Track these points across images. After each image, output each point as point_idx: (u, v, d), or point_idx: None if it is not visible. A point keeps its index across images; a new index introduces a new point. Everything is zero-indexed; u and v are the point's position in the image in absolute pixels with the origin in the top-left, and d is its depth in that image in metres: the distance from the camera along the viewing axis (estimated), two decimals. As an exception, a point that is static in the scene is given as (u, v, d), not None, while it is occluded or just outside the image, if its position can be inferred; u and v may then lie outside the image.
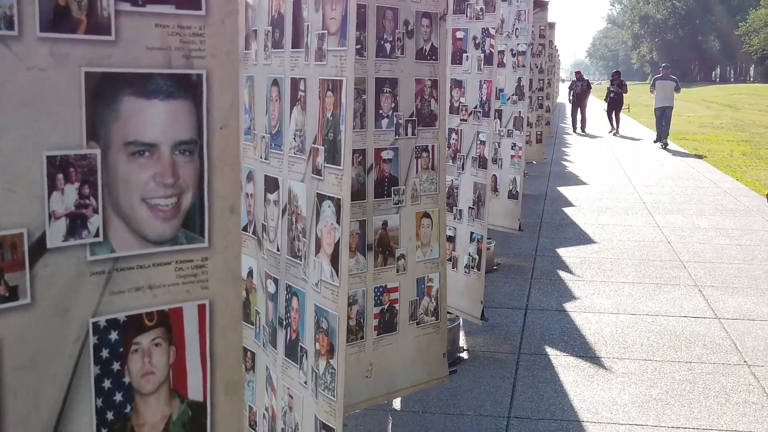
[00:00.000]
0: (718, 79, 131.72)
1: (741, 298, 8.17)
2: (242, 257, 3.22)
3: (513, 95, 8.94)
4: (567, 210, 13.44)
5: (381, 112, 4.04)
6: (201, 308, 1.84)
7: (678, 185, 16.37)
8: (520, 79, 8.88)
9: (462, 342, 6.65)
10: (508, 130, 8.95)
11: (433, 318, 4.43)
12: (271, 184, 2.84)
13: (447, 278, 6.26)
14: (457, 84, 5.95)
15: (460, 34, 5.91)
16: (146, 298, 1.80)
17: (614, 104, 29.57)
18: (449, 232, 6.14)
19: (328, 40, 2.44)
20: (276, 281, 2.82)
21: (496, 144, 8.99)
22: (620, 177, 17.59)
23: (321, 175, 2.48)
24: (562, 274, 9.11)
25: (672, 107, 24.97)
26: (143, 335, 1.81)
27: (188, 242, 1.84)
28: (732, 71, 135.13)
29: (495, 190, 9.13)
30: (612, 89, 29.16)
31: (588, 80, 31.41)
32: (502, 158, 9.01)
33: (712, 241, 10.92)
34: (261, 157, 2.91)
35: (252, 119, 3.00)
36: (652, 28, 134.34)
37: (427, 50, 4.24)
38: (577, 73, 31.37)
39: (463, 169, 6.02)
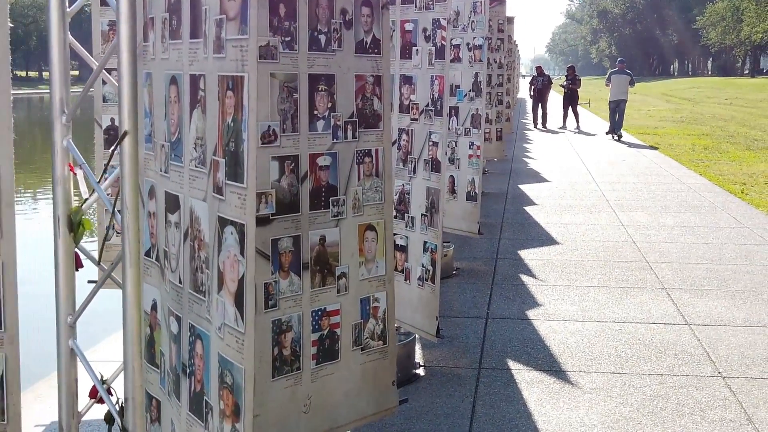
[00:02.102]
0: (676, 73, 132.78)
1: (711, 301, 7.79)
2: (145, 287, 2.75)
3: (470, 91, 8.48)
4: (529, 209, 13.07)
5: (316, 113, 3.56)
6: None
7: (641, 181, 16.07)
8: (477, 75, 8.43)
9: (418, 357, 6.20)
10: (466, 129, 8.50)
11: (381, 342, 3.96)
12: (172, 203, 2.36)
13: (399, 291, 5.80)
14: (407, 80, 5.48)
15: (409, 26, 5.45)
16: None
17: (568, 99, 29.64)
18: (401, 242, 5.67)
19: (226, 27, 1.97)
20: (179, 320, 2.34)
21: (453, 143, 8.54)
22: (582, 174, 17.27)
23: (222, 195, 2.01)
24: (525, 278, 8.70)
25: (626, 100, 25.73)
26: None
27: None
28: (690, 65, 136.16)
29: (452, 191, 8.68)
30: (566, 84, 29.26)
31: (549, 75, 31.26)
32: (459, 158, 8.55)
33: (678, 240, 10.57)
34: (161, 170, 2.44)
35: (152, 124, 2.52)
36: (610, 23, 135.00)
37: (369, 42, 3.76)
38: (538, 68, 31.18)
39: (414, 173, 5.55)
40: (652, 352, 6.41)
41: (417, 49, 5.44)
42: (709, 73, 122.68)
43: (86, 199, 2.92)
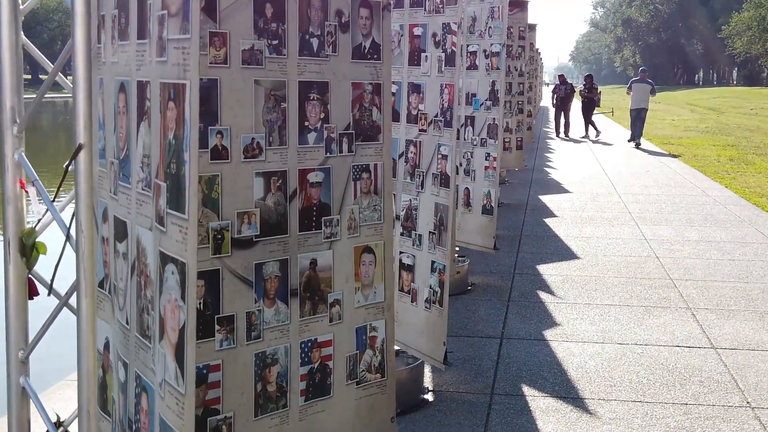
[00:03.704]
0: (701, 83, 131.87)
1: (738, 323, 7.39)
2: (98, 323, 2.42)
3: (486, 100, 8.13)
4: (549, 221, 12.69)
5: (307, 124, 3.23)
6: None
7: (665, 193, 15.65)
8: (494, 83, 8.08)
9: (427, 381, 5.85)
10: (482, 139, 8.15)
11: (378, 375, 3.61)
12: (120, 230, 2.04)
13: (405, 314, 5.46)
14: (415, 89, 5.14)
15: (417, 31, 5.11)
16: None
17: (584, 108, 29.47)
18: (408, 261, 5.33)
19: (168, 24, 1.65)
20: (126, 366, 2.02)
21: (469, 154, 8.19)
22: (605, 184, 16.86)
23: (164, 226, 1.68)
24: (543, 295, 8.33)
25: (647, 109, 25.84)
26: None
27: None
28: (715, 74, 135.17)
29: (468, 204, 8.33)
30: (582, 92, 29.18)
31: (572, 84, 30.93)
32: (475, 170, 8.21)
33: (703, 256, 10.17)
34: (111, 191, 2.11)
35: (105, 138, 2.20)
36: (634, 32, 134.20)
37: (367, 47, 3.43)
38: (561, 76, 30.80)
39: (422, 188, 5.21)
40: (676, 378, 6.04)
41: (426, 56, 5.09)
42: (735, 82, 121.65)
43: (39, 220, 2.60)
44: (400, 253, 5.40)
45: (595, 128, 29.38)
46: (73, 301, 2.55)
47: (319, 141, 3.28)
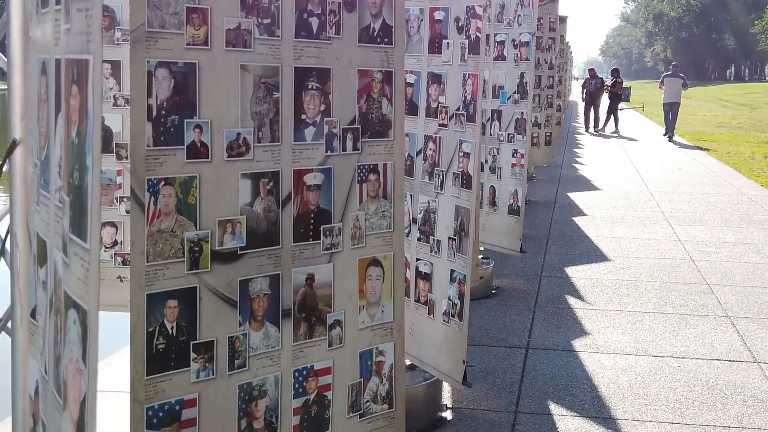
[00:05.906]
0: (733, 78, 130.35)
1: (782, 334, 6.89)
2: (30, 362, 1.99)
3: (514, 93, 7.64)
4: (578, 220, 12.20)
5: (304, 117, 2.78)
6: None
7: (698, 191, 15.09)
8: (522, 75, 7.59)
9: (446, 398, 5.39)
10: (509, 134, 7.67)
11: (386, 406, 3.16)
12: (41, 251, 1.60)
13: (421, 327, 5.00)
14: (435, 79, 4.67)
15: (439, 15, 4.63)
16: None
17: (610, 102, 29.18)
18: (425, 269, 4.85)
19: (72, -20, 1.21)
20: (44, 427, 1.57)
21: (495, 150, 7.72)
22: (636, 182, 16.32)
23: (67, 256, 1.24)
24: (571, 300, 7.85)
25: (679, 103, 26.12)
26: None
27: None
28: (747, 70, 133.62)
29: (493, 203, 7.86)
30: (608, 87, 28.94)
31: (602, 78, 30.46)
32: (501, 167, 7.72)
33: (741, 260, 9.64)
34: (35, 201, 1.67)
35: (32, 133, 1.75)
36: (666, 26, 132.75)
37: (377, 29, 2.97)
38: (591, 70, 30.29)
39: (442, 189, 4.73)
40: (717, 396, 5.55)
41: (448, 42, 4.62)
42: (767, 78, 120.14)
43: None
44: (417, 260, 4.94)
45: (608, 122, 29.12)
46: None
47: (318, 137, 2.82)
